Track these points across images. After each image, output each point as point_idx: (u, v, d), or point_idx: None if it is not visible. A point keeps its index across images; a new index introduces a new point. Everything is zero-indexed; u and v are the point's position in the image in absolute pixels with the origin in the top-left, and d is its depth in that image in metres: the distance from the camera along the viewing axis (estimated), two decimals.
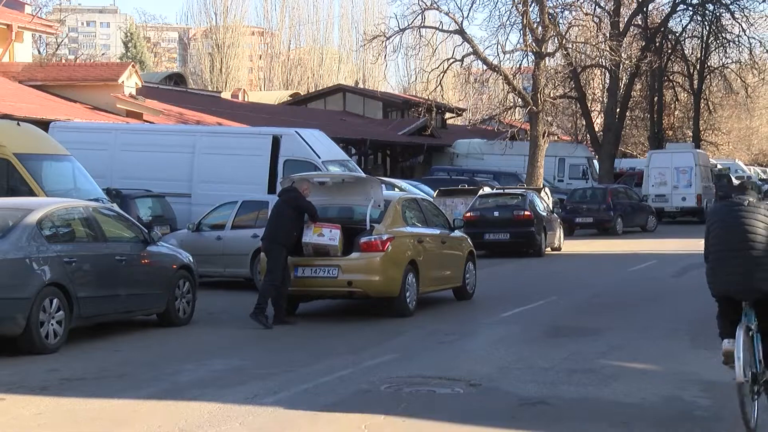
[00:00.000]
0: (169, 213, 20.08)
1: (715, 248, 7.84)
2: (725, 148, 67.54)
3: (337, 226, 13.56)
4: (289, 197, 13.69)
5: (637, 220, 33.56)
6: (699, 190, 37.67)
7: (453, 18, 34.17)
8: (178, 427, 7.75)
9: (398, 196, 15.76)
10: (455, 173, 37.76)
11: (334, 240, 13.41)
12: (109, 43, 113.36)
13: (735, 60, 48.61)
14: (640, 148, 56.35)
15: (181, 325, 13.11)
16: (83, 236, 12.14)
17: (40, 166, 16.29)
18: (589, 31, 37.77)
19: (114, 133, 23.54)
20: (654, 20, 46.74)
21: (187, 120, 31.34)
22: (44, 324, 10.89)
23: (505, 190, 27.58)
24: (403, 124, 46.52)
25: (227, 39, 67.80)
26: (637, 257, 23.83)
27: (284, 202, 13.68)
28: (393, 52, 35.12)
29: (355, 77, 71.65)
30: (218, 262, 17.26)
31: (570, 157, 43.69)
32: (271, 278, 13.25)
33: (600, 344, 11.65)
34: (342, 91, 53.81)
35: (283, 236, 13.37)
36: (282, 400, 8.66)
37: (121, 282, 12.14)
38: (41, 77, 30.96)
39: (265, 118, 36.16)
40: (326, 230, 13.46)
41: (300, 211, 13.57)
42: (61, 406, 8.57)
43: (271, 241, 13.43)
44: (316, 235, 13.42)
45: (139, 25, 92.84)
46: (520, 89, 34.46)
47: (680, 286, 18.13)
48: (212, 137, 23.45)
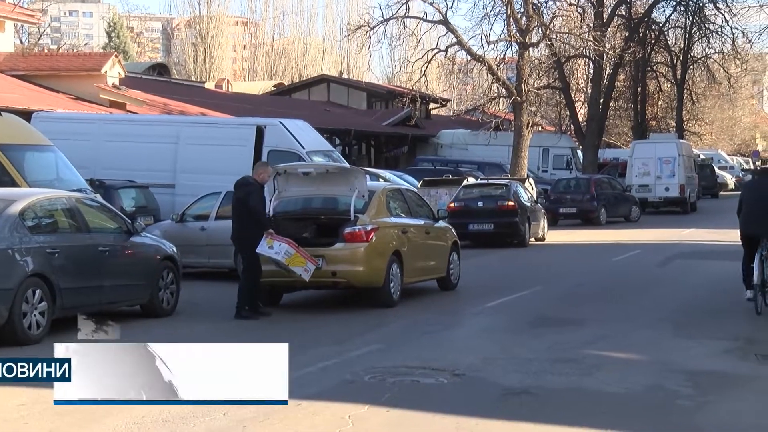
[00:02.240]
0: (152, 204, 20.02)
1: (745, 206, 13.25)
2: (708, 138, 67.85)
3: (292, 243, 12.96)
4: (239, 196, 13.21)
5: (621, 211, 33.67)
6: (682, 180, 37.80)
7: (437, 8, 34.18)
8: (162, 418, 7.74)
9: (382, 187, 15.76)
10: (439, 164, 37.75)
11: (279, 255, 12.84)
12: (92, 33, 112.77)
13: (718, 50, 48.79)
14: (623, 139, 56.50)
15: (165, 316, 13.07)
16: (66, 227, 12.09)
17: (22, 157, 16.21)
18: (573, 22, 37.82)
19: (97, 124, 23.44)
20: (637, 11, 46.84)
21: (171, 110, 31.24)
22: (27, 315, 10.85)
23: (489, 181, 27.60)
24: (387, 115, 46.48)
25: (211, 29, 67.55)
26: (620, 247, 23.90)
27: (237, 200, 13.28)
28: (377, 42, 35.26)
29: (340, 67, 71.51)
30: (202, 252, 17.22)
31: (554, 148, 43.77)
32: (246, 276, 13.19)
33: (583, 334, 11.69)
34: (326, 81, 53.71)
35: (248, 235, 13.19)
36: None
37: (104, 273, 12.09)
38: (23, 67, 30.79)
39: (249, 108, 36.06)
40: (276, 243, 12.85)
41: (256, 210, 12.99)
42: (43, 397, 8.53)
43: (237, 242, 13.37)
44: (267, 246, 12.88)
45: (122, 14, 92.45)
46: (504, 79, 34.47)
47: (664, 275, 18.20)
48: (196, 128, 23.37)
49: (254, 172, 13.59)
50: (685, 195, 37.94)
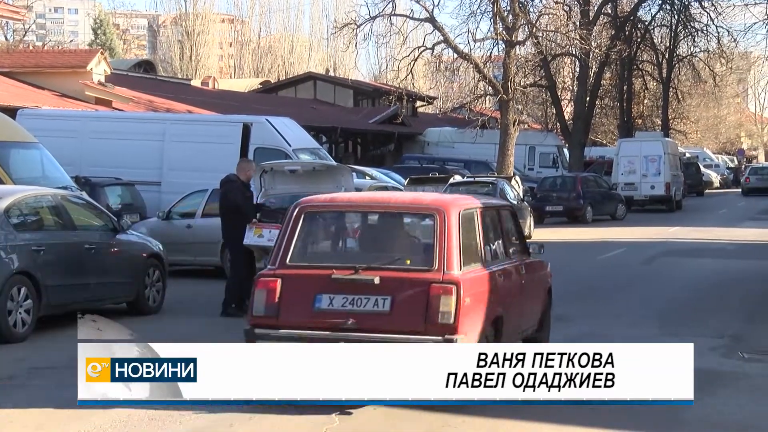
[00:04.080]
0: (138, 201, 19.98)
1: None
2: (693, 136, 68.00)
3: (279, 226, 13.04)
4: (221, 193, 13.26)
5: (607, 209, 33.75)
6: (668, 178, 37.91)
7: (424, 6, 34.16)
8: (148, 416, 7.72)
9: (369, 185, 15.78)
10: (426, 161, 37.77)
11: (272, 241, 12.96)
12: (78, 30, 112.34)
13: (703, 49, 48.99)
14: (609, 137, 56.62)
15: (151, 313, 13.06)
16: (52, 224, 12.06)
17: (7, 154, 16.15)
18: (559, 20, 37.83)
19: (83, 121, 23.37)
20: (623, 9, 46.94)
21: (157, 108, 31.15)
22: (12, 313, 10.81)
23: (475, 179, 27.60)
24: (373, 113, 46.47)
25: (197, 26, 67.36)
26: (606, 245, 23.96)
27: (220, 197, 13.35)
28: (364, 40, 35.10)
29: (326, 65, 71.44)
30: (188, 250, 17.19)
31: (540, 146, 43.84)
32: (234, 274, 13.18)
33: (569, 332, 11.72)
34: (313, 79, 53.64)
35: (233, 231, 13.20)
36: None
37: (90, 270, 12.06)
38: (8, 64, 30.66)
39: (236, 105, 36.01)
40: (266, 231, 12.78)
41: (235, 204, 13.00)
42: (29, 395, 8.52)
43: (227, 238, 13.36)
44: (256, 236, 12.83)
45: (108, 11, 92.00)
46: (490, 77, 34.48)
47: (649, 273, 18.25)
48: (182, 125, 23.32)
49: (237, 169, 13.57)
50: (671, 193, 38.05)
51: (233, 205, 13.04)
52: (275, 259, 8.43)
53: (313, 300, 8.11)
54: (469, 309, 8.06)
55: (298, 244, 8.48)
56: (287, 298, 8.15)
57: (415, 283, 8.05)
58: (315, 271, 8.31)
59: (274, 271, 8.31)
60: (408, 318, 7.96)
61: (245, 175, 13.35)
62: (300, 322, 8.07)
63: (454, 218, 8.34)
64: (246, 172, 13.40)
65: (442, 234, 8.23)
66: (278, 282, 8.18)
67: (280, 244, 8.49)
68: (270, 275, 8.29)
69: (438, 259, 8.13)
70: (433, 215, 8.39)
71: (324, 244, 9.26)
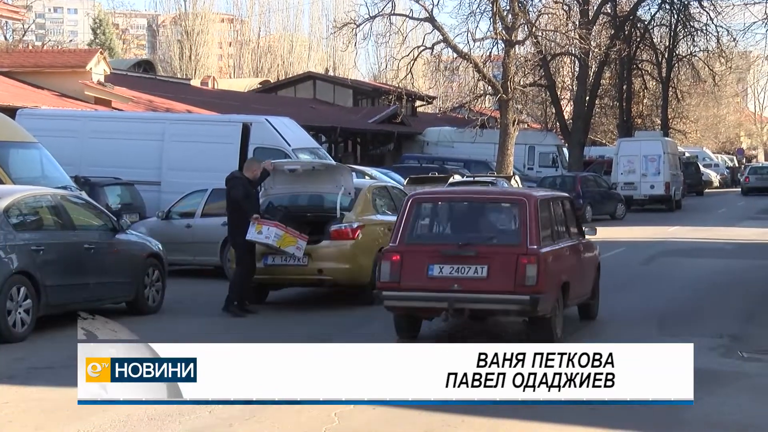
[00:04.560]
0: (138, 201, 19.96)
1: None
2: (693, 136, 68.00)
3: (279, 225, 13.06)
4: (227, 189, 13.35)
5: (606, 208, 33.74)
6: (667, 178, 37.90)
7: (423, 5, 34.15)
8: (147, 416, 7.72)
9: (369, 184, 15.76)
10: (426, 161, 37.77)
11: (270, 239, 12.90)
12: (77, 30, 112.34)
13: (703, 48, 48.94)
14: (609, 136, 56.62)
15: (151, 313, 13.05)
16: (51, 224, 12.05)
17: (7, 154, 16.14)
18: (559, 19, 37.84)
19: (82, 121, 23.34)
20: (623, 8, 46.93)
21: (157, 107, 31.14)
22: (11, 312, 10.81)
23: (475, 178, 27.59)
24: (373, 112, 46.46)
25: (196, 26, 67.35)
26: (605, 245, 23.82)
27: (226, 193, 13.45)
28: (363, 39, 35.14)
29: (326, 65, 71.44)
30: (188, 250, 17.18)
31: (540, 145, 43.84)
32: (239, 270, 13.20)
33: (569, 331, 11.70)
34: (312, 78, 53.63)
35: (237, 227, 13.22)
36: None
37: (89, 270, 12.06)
38: (8, 64, 30.64)
39: (235, 105, 35.99)
40: (264, 228, 12.90)
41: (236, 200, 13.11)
42: (28, 395, 8.52)
43: (232, 235, 13.38)
44: (256, 232, 12.92)
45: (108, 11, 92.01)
46: (490, 77, 34.49)
47: (648, 273, 18.24)
48: (182, 125, 23.29)
49: (244, 167, 13.75)
50: (671, 193, 38.05)
51: (234, 201, 13.12)
52: (395, 238, 10.73)
53: (427, 269, 10.42)
54: (546, 275, 10.32)
55: (412, 226, 10.84)
56: (407, 268, 10.45)
57: (507, 255, 10.36)
58: (427, 246, 10.76)
59: (396, 248, 10.62)
60: (501, 281, 10.26)
61: (251, 173, 13.45)
62: (417, 285, 10.46)
63: (534, 206, 10.57)
64: (252, 170, 13.49)
65: (525, 218, 10.52)
66: (399, 256, 10.51)
67: (399, 227, 10.79)
68: (392, 251, 10.62)
69: (523, 236, 10.45)
70: (518, 204, 10.78)
71: (432, 226, 11.54)
